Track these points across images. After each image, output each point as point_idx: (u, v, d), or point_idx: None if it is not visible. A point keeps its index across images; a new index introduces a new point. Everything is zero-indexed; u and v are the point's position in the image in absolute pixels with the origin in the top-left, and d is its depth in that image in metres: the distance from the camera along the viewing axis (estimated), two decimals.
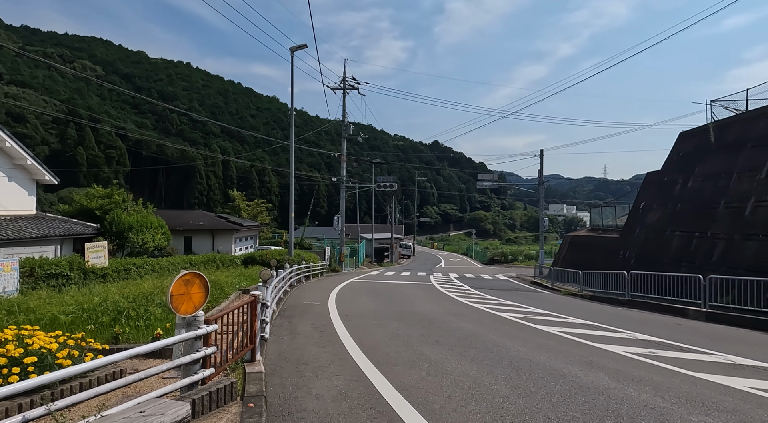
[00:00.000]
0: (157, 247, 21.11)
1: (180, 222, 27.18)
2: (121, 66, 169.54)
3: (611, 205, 27.78)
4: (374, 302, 12.74)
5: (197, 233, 26.90)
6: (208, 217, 29.33)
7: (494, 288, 20.91)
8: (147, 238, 20.30)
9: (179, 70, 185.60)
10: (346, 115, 32.57)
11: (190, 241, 26.81)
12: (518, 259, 47.97)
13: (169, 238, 22.68)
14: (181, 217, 28.56)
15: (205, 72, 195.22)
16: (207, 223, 27.52)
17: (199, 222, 27.28)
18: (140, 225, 20.32)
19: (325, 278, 23.31)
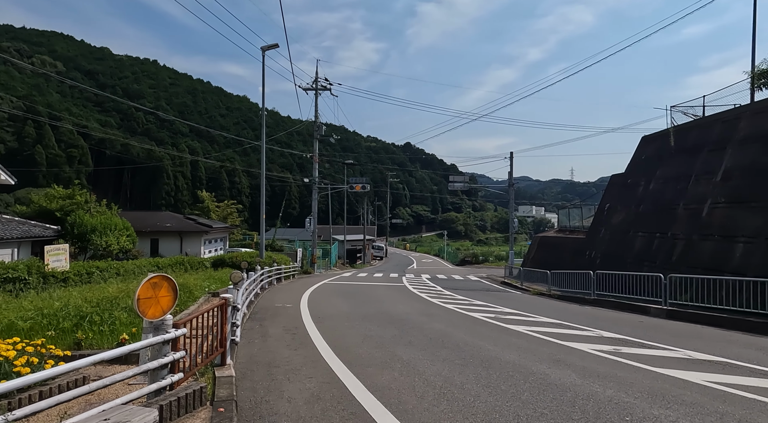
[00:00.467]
0: (122, 250, 20.44)
1: (146, 223, 26.37)
2: (84, 62, 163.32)
3: (578, 207, 28.60)
4: (347, 304, 12.70)
5: (165, 235, 26.14)
6: (176, 219, 28.54)
7: (465, 288, 21.18)
8: (111, 240, 19.63)
9: (145, 67, 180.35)
10: (318, 116, 32.39)
11: (157, 244, 26.03)
12: (489, 260, 48.76)
13: (135, 240, 21.99)
14: (148, 219, 27.70)
15: (173, 70, 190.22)
16: (175, 224, 26.77)
17: (167, 223, 26.52)
18: (104, 227, 19.63)
19: (297, 280, 23.07)
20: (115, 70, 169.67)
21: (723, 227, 14.88)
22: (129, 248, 21.06)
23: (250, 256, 19.84)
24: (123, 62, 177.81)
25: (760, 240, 13.47)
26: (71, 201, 20.39)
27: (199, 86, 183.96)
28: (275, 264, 18.75)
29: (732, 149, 15.84)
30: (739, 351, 7.39)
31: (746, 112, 16.16)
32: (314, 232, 32.00)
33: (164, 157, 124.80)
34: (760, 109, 15.69)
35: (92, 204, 22.11)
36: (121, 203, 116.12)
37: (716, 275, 12.81)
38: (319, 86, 32.60)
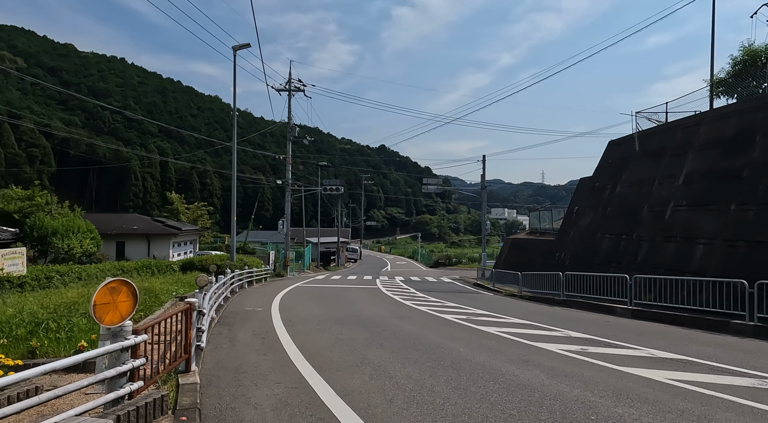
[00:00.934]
0: (86, 253, 19.69)
1: (112, 226, 25.45)
2: (47, 59, 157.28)
3: (548, 209, 29.21)
4: (319, 307, 12.56)
5: (131, 238, 25.28)
6: (144, 221, 27.64)
7: (438, 290, 21.30)
8: (74, 243, 18.88)
9: (113, 65, 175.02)
10: (291, 117, 32.09)
11: (123, 247, 25.14)
12: (462, 262, 49.25)
13: (99, 243, 21.22)
14: (114, 221, 26.73)
15: (142, 68, 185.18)
16: (142, 227, 25.92)
17: (134, 226, 25.65)
18: (66, 229, 18.87)
19: (269, 283, 22.72)
20: (80, 68, 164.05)
21: (684, 229, 15.44)
22: (93, 252, 20.30)
23: (221, 258, 19.43)
24: (89, 59, 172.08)
25: (718, 241, 14.03)
26: (31, 202, 19.51)
27: (168, 85, 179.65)
28: (246, 267, 18.39)
29: (693, 154, 16.46)
30: (699, 349, 7.64)
31: (706, 119, 16.84)
32: (287, 234, 31.63)
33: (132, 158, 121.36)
34: (718, 115, 16.37)
35: (54, 206, 21.23)
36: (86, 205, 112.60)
37: (678, 275, 13.26)
38: (292, 87, 32.32)
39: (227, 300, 13.17)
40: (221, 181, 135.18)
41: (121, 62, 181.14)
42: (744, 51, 18.44)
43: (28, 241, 17.81)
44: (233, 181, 20.57)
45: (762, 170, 13.54)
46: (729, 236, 13.64)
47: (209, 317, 7.83)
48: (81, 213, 22.64)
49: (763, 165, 13.59)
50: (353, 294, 17.68)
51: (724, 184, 14.61)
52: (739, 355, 7.22)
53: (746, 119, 14.97)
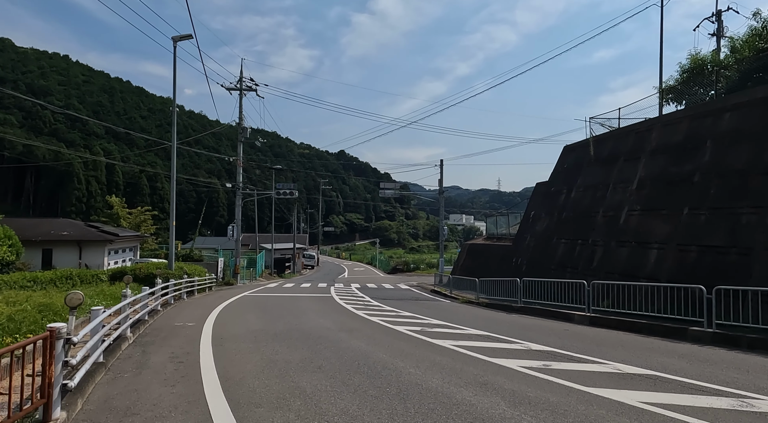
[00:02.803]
0: (1, 262, 17.52)
1: (37, 232, 22.96)
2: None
3: (505, 215, 29.11)
4: (260, 320, 11.39)
5: (60, 245, 22.86)
6: (76, 226, 25.12)
7: (394, 298, 20.48)
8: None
9: (54, 62, 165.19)
10: (242, 117, 30.57)
11: (50, 255, 22.69)
12: (420, 268, 48.81)
13: (20, 250, 19.00)
14: (41, 226, 24.11)
15: (87, 67, 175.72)
16: (73, 232, 23.49)
17: (63, 232, 23.21)
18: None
19: (214, 293, 21.15)
20: (17, 64, 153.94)
21: (638, 234, 15.35)
22: (10, 260, 18.10)
23: (157, 267, 17.75)
24: (27, 55, 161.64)
25: (671, 246, 13.95)
26: None
27: (117, 85, 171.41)
28: (186, 276, 16.85)
29: (645, 159, 16.50)
30: (663, 360, 7.14)
31: (657, 125, 16.95)
32: (237, 240, 29.98)
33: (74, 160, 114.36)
34: (669, 121, 16.51)
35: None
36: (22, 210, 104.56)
37: (632, 281, 13.05)
38: (244, 86, 30.82)
39: (155, 314, 11.74)
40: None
41: (65, 59, 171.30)
42: (691, 59, 18.86)
43: None
44: (172, 182, 18.96)
45: (712, 175, 13.59)
46: (681, 241, 13.58)
47: (87, 348, 6.58)
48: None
49: (712, 170, 13.65)
50: (303, 303, 16.54)
51: (675, 188, 14.62)
52: (705, 367, 6.75)
53: (695, 124, 15.10)
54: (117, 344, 7.13)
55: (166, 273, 16.71)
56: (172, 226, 18.20)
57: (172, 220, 18.27)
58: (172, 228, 18.09)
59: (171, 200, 18.77)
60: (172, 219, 18.28)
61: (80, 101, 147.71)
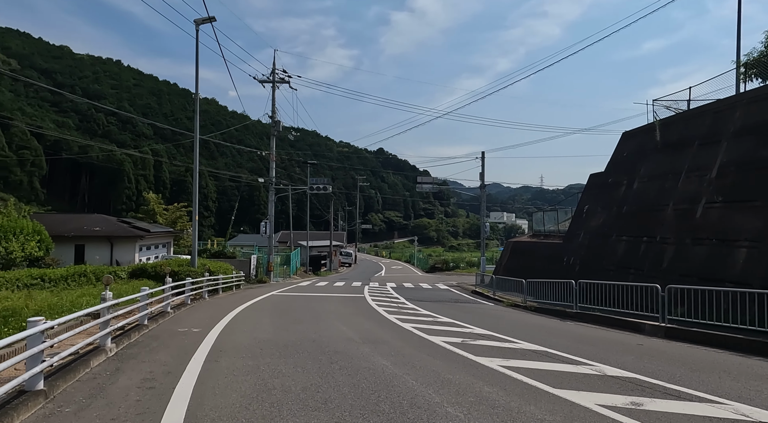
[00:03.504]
0: (29, 257, 17.20)
1: (70, 227, 22.89)
2: (40, 60, 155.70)
3: (553, 210, 26.78)
4: (274, 326, 10.05)
5: (92, 240, 22.69)
6: (108, 222, 24.97)
7: (432, 300, 18.83)
8: (13, 246, 16.39)
9: (107, 67, 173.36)
10: (275, 110, 29.71)
11: (82, 250, 22.56)
12: (460, 267, 46.74)
13: (50, 246, 18.72)
14: (74, 222, 24.08)
15: (137, 70, 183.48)
16: (105, 228, 23.28)
17: (95, 227, 23.05)
18: (5, 231, 16.39)
19: (241, 292, 20.21)
20: (74, 70, 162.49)
21: (720, 230, 13.02)
22: (39, 256, 17.81)
23: (179, 264, 16.89)
24: (83, 62, 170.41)
25: (765, 244, 11.61)
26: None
27: (164, 88, 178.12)
28: (208, 274, 15.84)
29: (727, 142, 14.06)
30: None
31: (741, 102, 14.44)
32: (270, 236, 29.15)
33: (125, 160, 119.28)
34: (757, 97, 13.98)
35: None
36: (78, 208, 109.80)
37: (712, 285, 10.87)
38: (277, 78, 29.93)
39: (162, 317, 10.64)
40: (217, 183, 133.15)
41: (117, 64, 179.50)
42: None
43: None
44: (195, 174, 18.07)
45: None
46: None
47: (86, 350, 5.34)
48: (28, 212, 20.10)
49: None
50: (330, 305, 15.19)
51: None
52: None
53: None
54: (85, 361, 5.90)
55: (188, 270, 15.81)
56: (195, 222, 17.31)
57: (195, 215, 17.39)
58: (194, 223, 17.20)
59: (194, 194, 17.91)
60: (195, 214, 17.40)
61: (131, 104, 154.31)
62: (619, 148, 20.39)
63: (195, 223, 17.23)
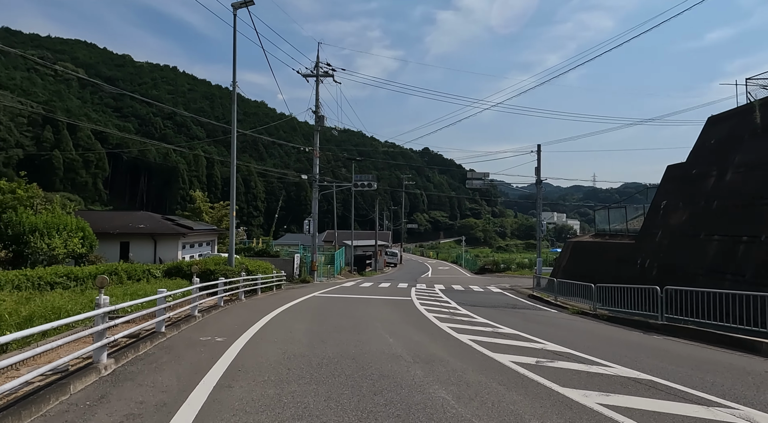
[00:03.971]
0: (71, 254, 16.98)
1: (115, 225, 22.92)
2: (105, 69, 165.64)
3: (620, 207, 24.19)
4: (310, 336, 8.73)
5: (136, 238, 22.59)
6: (152, 220, 24.90)
7: (486, 305, 17.07)
8: (56, 243, 16.17)
9: (164, 73, 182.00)
10: (319, 105, 28.78)
11: (127, 247, 22.52)
12: (511, 268, 44.23)
13: (93, 243, 18.54)
14: (120, 219, 24.17)
15: (192, 76, 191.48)
16: (149, 225, 23.15)
17: (140, 225, 22.97)
18: (48, 227, 16.21)
19: (282, 292, 19.26)
20: (134, 77, 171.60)
21: None
22: (82, 252, 17.60)
23: (216, 262, 16.12)
24: (143, 69, 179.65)
25: None
26: (12, 196, 17.10)
27: (216, 92, 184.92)
28: (244, 273, 14.89)
29: None
30: None
31: None
32: (314, 235, 28.26)
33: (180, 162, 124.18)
34: None
35: (39, 199, 18.78)
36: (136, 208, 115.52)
37: None
38: (320, 72, 29.01)
39: (188, 321, 9.62)
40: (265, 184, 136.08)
41: (173, 70, 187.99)
42: None
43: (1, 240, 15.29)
44: (232, 167, 17.22)
45: None
46: None
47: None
48: (74, 208, 20.12)
49: None
50: (374, 310, 13.82)
51: None
52: None
53: None
54: (63, 385, 4.73)
55: (224, 269, 14.93)
56: (232, 217, 16.47)
57: (232, 210, 16.55)
58: (232, 219, 16.35)
59: (231, 189, 17.07)
60: (232, 208, 16.55)
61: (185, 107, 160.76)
62: (704, 135, 17.76)
63: (232, 218, 16.39)
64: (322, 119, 28.70)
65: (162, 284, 12.46)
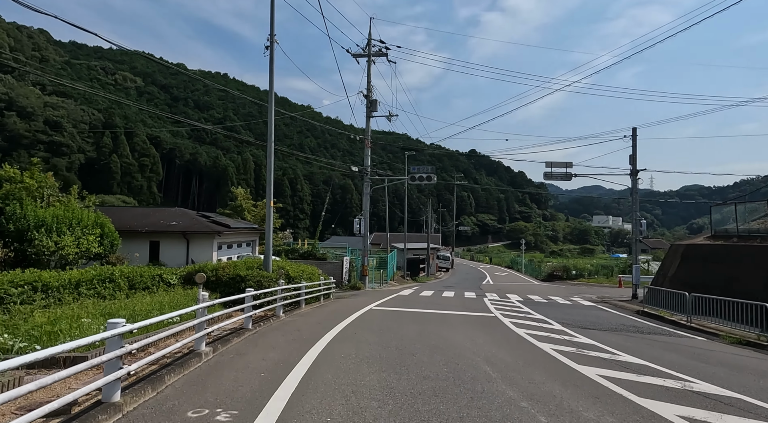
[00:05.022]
0: (86, 254, 14.32)
1: (145, 222, 20.30)
2: (160, 77, 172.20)
3: (752, 201, 19.14)
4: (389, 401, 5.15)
5: (167, 236, 19.81)
6: (186, 216, 21.94)
7: (595, 326, 12.89)
8: (67, 240, 13.52)
9: (216, 80, 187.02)
10: (371, 88, 25.38)
11: (157, 247, 19.81)
12: (583, 275, 38.92)
13: (115, 241, 15.88)
14: (152, 216, 21.45)
15: (241, 82, 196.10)
16: (182, 223, 20.33)
17: (171, 222, 20.22)
18: (59, 222, 13.60)
19: (331, 303, 15.83)
20: (188, 84, 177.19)
21: None
22: (99, 252, 14.93)
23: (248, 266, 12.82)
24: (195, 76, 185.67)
25: None
26: (21, 185, 14.72)
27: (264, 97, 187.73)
28: (283, 281, 11.25)
29: None
30: None
31: None
32: (365, 234, 24.81)
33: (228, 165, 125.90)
34: None
35: (51, 190, 16.36)
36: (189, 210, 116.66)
37: None
38: (372, 51, 25.59)
39: (182, 368, 6.00)
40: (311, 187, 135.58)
41: (224, 77, 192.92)
42: None
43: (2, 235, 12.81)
44: (270, 154, 13.94)
45: None
46: None
47: None
48: (94, 201, 17.48)
49: None
50: (456, 332, 10.08)
51: None
52: None
53: None
54: None
55: (259, 276, 11.60)
56: (269, 209, 13.18)
57: (269, 202, 13.26)
58: (269, 212, 13.04)
59: (268, 179, 13.76)
60: (269, 200, 13.26)
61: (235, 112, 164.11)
62: None
63: (269, 209, 13.07)
64: (375, 104, 25.25)
65: (167, 297, 9.26)
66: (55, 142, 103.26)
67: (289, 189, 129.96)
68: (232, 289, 10.86)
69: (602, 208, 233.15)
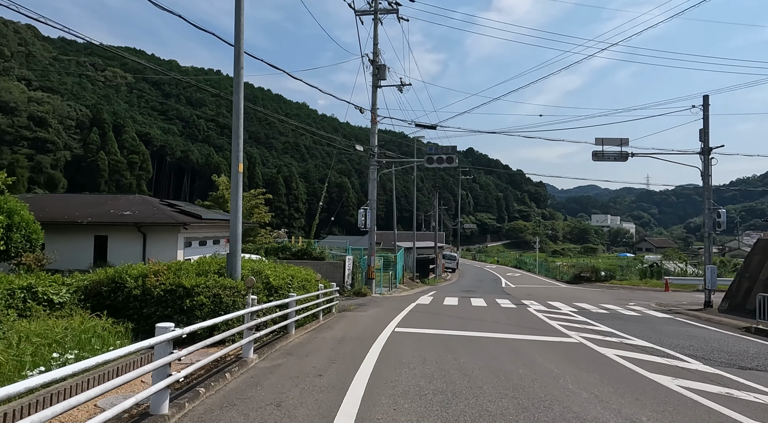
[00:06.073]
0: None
1: (93, 212, 15.41)
2: (152, 73, 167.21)
3: None
4: None
5: (118, 230, 14.66)
6: (146, 205, 16.51)
7: (726, 357, 8.49)
8: None
9: (209, 77, 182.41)
10: (377, 51, 20.90)
11: (104, 243, 14.97)
12: (614, 276, 34.55)
13: (33, 235, 11.34)
14: (101, 205, 16.16)
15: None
16: (138, 212, 15.22)
17: (125, 211, 15.30)
18: None
19: (333, 321, 11.34)
20: (180, 81, 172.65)
21: None
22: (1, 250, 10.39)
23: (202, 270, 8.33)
24: (188, 73, 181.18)
25: None
26: None
27: (259, 94, 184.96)
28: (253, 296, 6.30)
29: None
30: None
31: None
32: (372, 228, 20.36)
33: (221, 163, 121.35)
34: None
35: None
36: None
37: None
38: (379, 8, 21.10)
39: None
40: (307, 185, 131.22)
41: (217, 74, 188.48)
42: None
43: None
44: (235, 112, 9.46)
45: None
46: None
47: None
48: (3, 182, 12.73)
49: None
50: (568, 390, 5.68)
51: None
52: None
53: None
54: None
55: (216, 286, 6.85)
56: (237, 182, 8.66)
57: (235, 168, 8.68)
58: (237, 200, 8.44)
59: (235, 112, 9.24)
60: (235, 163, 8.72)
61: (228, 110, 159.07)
62: None
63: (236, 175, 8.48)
64: (383, 70, 20.76)
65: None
66: (40, 139, 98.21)
67: (284, 187, 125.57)
68: (170, 310, 6.35)
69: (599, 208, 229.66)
